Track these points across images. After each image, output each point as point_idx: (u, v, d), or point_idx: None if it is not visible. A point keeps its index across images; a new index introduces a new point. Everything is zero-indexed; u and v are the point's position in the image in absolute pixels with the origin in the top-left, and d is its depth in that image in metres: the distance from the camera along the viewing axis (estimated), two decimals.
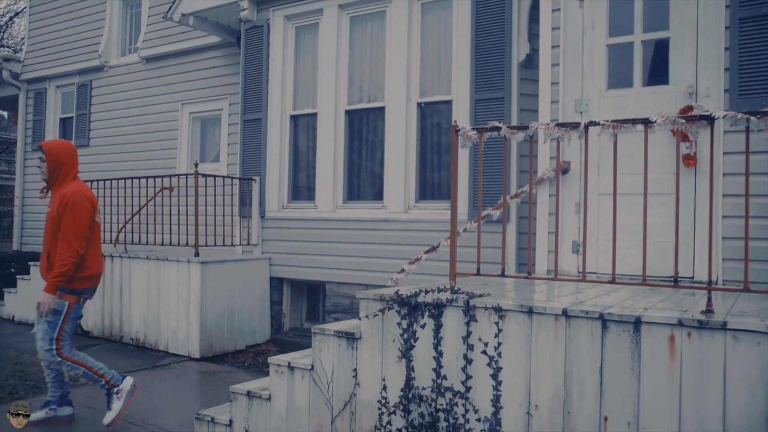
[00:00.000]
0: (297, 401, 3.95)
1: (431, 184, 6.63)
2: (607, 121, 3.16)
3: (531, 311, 3.18)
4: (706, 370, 2.75)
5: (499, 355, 3.25)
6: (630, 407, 2.91)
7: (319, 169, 7.25)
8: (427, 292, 3.57)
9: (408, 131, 6.64)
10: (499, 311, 3.26)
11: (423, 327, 3.49)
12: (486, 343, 3.29)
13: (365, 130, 7.09)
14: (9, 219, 15.45)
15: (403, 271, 4.87)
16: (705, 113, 2.99)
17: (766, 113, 2.80)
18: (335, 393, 3.80)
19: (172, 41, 9.62)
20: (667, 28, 4.91)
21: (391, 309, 3.60)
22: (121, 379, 4.56)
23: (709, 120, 2.94)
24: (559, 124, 3.33)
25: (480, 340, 3.31)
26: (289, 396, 3.98)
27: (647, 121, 3.08)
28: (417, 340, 3.51)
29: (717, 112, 2.92)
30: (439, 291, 3.61)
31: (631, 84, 5.05)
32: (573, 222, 5.16)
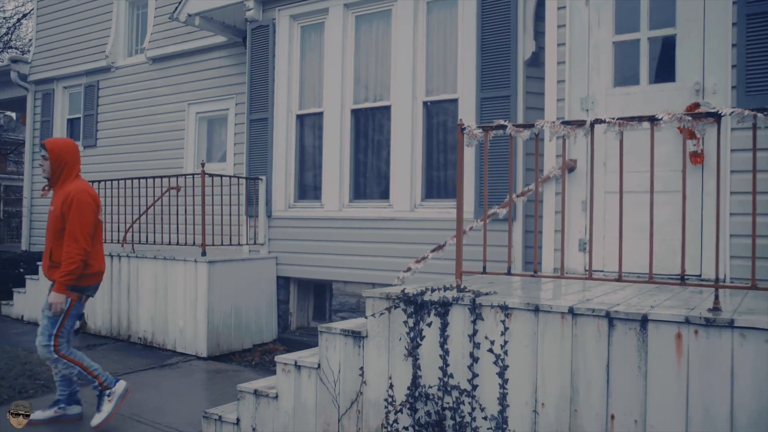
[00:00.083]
0: (304, 400, 3.96)
1: (437, 183, 6.62)
2: (613, 118, 3.15)
3: (537, 309, 3.18)
4: (714, 368, 2.74)
5: (505, 353, 3.25)
6: (637, 405, 2.91)
7: (325, 169, 7.27)
8: (433, 291, 3.57)
9: (414, 130, 6.64)
10: (505, 309, 3.25)
11: (429, 325, 3.49)
12: (492, 342, 3.29)
13: (371, 129, 7.09)
14: (18, 219, 15.56)
15: (409, 269, 4.87)
16: (712, 110, 2.98)
17: None
18: (342, 391, 3.81)
19: (178, 41, 9.65)
20: (673, 24, 4.89)
21: (397, 307, 3.60)
22: (114, 382, 4.53)
23: (716, 117, 2.93)
24: (564, 122, 3.32)
25: (486, 338, 3.31)
26: (296, 394, 3.99)
27: (653, 119, 3.07)
28: (423, 339, 3.51)
29: (723, 109, 2.90)
30: (446, 289, 3.61)
31: (637, 81, 5.04)
32: (580, 220, 5.15)
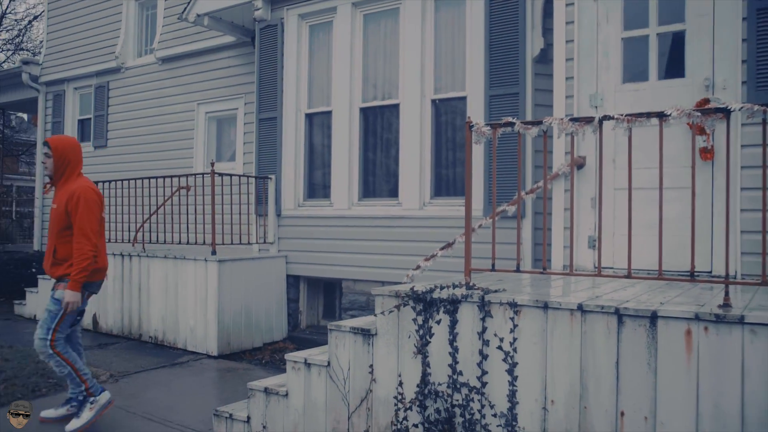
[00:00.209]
0: (314, 397, 3.98)
1: (446, 181, 6.62)
2: (622, 115, 3.15)
3: (546, 306, 3.17)
4: (724, 364, 2.73)
5: (514, 350, 3.25)
6: (647, 402, 2.90)
7: (334, 167, 7.28)
8: (442, 288, 3.58)
9: (422, 128, 6.65)
10: (514, 306, 3.25)
11: (438, 323, 3.50)
12: (501, 339, 3.29)
13: (380, 128, 7.10)
14: (30, 220, 15.67)
15: (418, 267, 4.88)
16: (721, 106, 2.96)
17: None
18: (352, 389, 3.82)
19: (187, 42, 9.70)
20: (682, 20, 4.87)
21: (406, 305, 3.61)
22: (100, 391, 4.49)
23: (725, 113, 2.92)
24: (573, 119, 3.32)
25: (495, 335, 3.31)
26: (306, 392, 4.01)
27: (662, 115, 3.06)
28: (432, 336, 3.51)
29: (733, 105, 2.89)
30: (454, 287, 3.62)
31: (646, 77, 5.01)
32: (589, 217, 5.14)
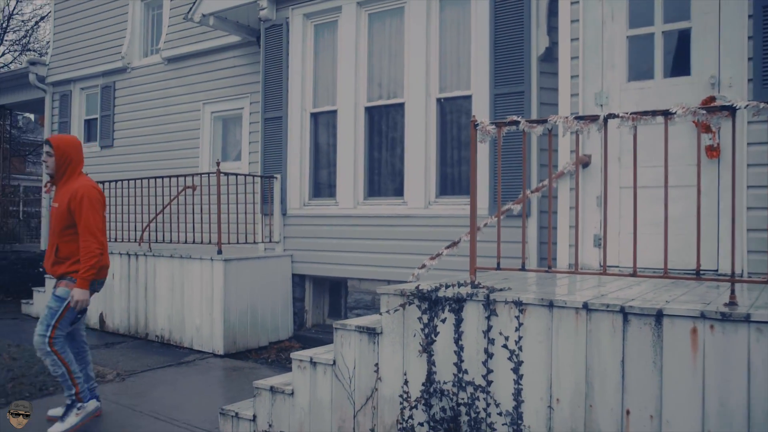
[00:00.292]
0: (319, 396, 3.99)
1: (452, 180, 6.62)
2: (627, 113, 3.14)
3: (551, 305, 3.17)
4: (730, 362, 2.73)
5: (519, 349, 3.25)
6: (652, 401, 2.90)
7: (339, 166, 7.29)
8: (447, 287, 3.58)
9: (428, 127, 6.64)
10: (519, 305, 3.25)
11: (444, 321, 3.50)
12: (507, 337, 3.29)
13: (385, 127, 7.10)
14: (36, 219, 15.75)
15: (424, 266, 4.88)
16: (726, 104, 2.96)
17: None
18: (357, 388, 3.83)
19: (193, 42, 9.73)
20: (688, 17, 4.85)
21: (411, 304, 3.61)
22: (89, 398, 4.46)
23: (731, 110, 2.91)
24: (578, 117, 3.31)
25: (501, 334, 3.31)
26: (312, 391, 4.02)
27: (667, 113, 3.06)
28: (438, 335, 3.52)
29: (738, 102, 2.88)
30: (460, 285, 3.62)
31: (652, 76, 5.00)
32: (595, 215, 5.13)
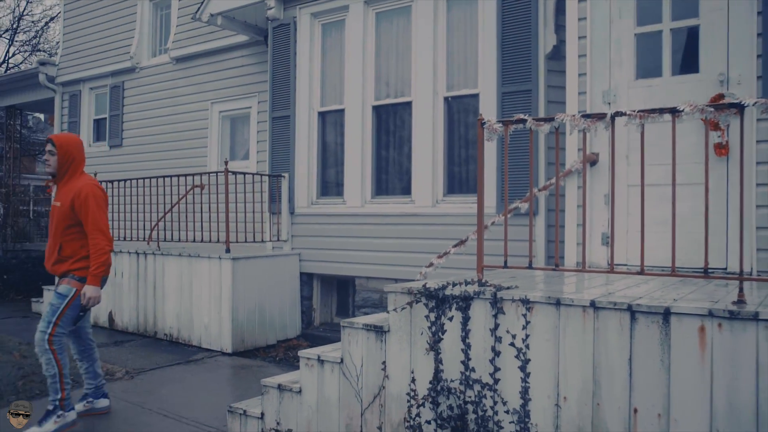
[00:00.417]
0: (327, 394, 4.00)
1: (459, 178, 6.62)
2: (634, 111, 3.13)
3: (559, 303, 3.17)
4: (738, 361, 2.72)
5: (527, 347, 3.25)
6: (660, 399, 2.89)
7: (347, 165, 7.30)
8: (454, 285, 3.59)
9: (435, 125, 6.65)
10: (526, 303, 3.25)
11: (451, 320, 3.50)
12: (514, 335, 3.29)
13: (392, 125, 7.11)
14: (46, 219, 15.86)
15: (431, 265, 4.88)
16: (734, 101, 2.94)
17: None
18: (364, 386, 3.84)
19: (201, 41, 9.77)
20: (696, 15, 4.83)
21: (419, 302, 3.62)
22: (70, 408, 4.39)
23: (739, 108, 2.90)
24: (585, 115, 3.31)
25: (508, 332, 3.31)
26: (320, 389, 4.03)
27: (675, 111, 3.05)
28: (445, 333, 3.52)
29: (746, 100, 2.87)
30: (467, 284, 3.63)
31: (660, 73, 4.98)
32: (602, 214, 5.11)
